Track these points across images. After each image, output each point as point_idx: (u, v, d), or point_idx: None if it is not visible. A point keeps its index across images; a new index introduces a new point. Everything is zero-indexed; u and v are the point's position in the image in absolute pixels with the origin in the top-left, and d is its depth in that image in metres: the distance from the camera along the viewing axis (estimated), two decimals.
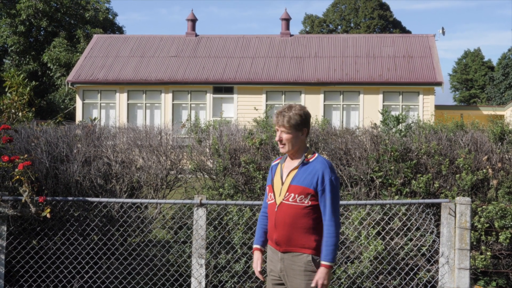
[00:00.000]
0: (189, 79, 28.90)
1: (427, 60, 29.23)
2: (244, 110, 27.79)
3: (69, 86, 29.92)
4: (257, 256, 5.60)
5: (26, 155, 8.22)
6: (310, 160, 5.36)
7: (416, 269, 8.51)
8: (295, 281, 5.33)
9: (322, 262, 5.23)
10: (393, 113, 11.32)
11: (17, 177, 7.98)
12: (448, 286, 7.78)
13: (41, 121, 11.93)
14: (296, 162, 5.39)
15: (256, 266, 5.56)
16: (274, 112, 5.50)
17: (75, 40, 43.19)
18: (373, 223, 8.55)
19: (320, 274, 5.22)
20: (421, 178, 8.88)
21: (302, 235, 5.28)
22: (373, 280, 8.56)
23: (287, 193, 5.31)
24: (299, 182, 5.28)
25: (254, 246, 5.66)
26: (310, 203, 5.27)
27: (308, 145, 5.74)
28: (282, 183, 5.37)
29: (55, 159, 9.09)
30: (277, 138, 5.40)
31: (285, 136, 5.35)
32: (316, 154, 5.42)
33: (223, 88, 29.04)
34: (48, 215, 8.09)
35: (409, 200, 8.31)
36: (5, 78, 12.22)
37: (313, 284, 5.23)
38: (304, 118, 5.38)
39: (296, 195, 5.27)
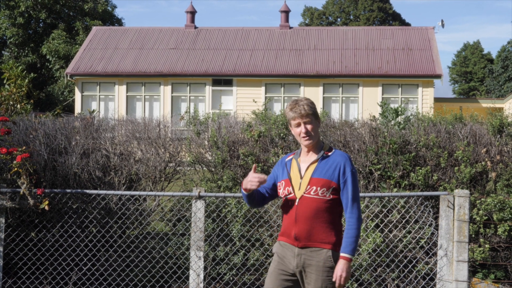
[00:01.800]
0: (188, 72, 28.87)
1: (427, 52, 29.20)
2: (243, 103, 27.76)
3: (68, 78, 29.87)
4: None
5: (24, 147, 8.22)
6: (329, 154, 5.27)
7: (414, 261, 8.52)
8: (312, 277, 5.19)
9: (342, 254, 5.11)
10: (392, 105, 11.31)
11: (15, 169, 7.98)
12: (446, 278, 7.79)
13: (39, 113, 11.91)
14: (315, 156, 5.27)
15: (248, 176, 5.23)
16: (288, 107, 5.29)
17: (74, 32, 43.10)
18: (372, 215, 8.55)
19: (340, 266, 5.09)
20: (420, 170, 8.88)
21: (323, 229, 5.17)
22: (371, 273, 8.57)
23: (308, 186, 5.18)
24: (321, 175, 5.18)
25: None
26: (331, 196, 5.18)
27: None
28: (301, 177, 5.23)
29: (53, 151, 9.08)
30: (303, 130, 5.20)
31: (310, 126, 5.21)
32: (333, 148, 5.34)
33: (222, 80, 29.01)
34: (46, 207, 8.09)
35: (407, 193, 8.31)
36: (3, 70, 12.18)
37: (334, 278, 5.09)
38: (315, 106, 5.31)
39: (318, 188, 5.16)
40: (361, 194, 8.19)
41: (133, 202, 8.95)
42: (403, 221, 8.52)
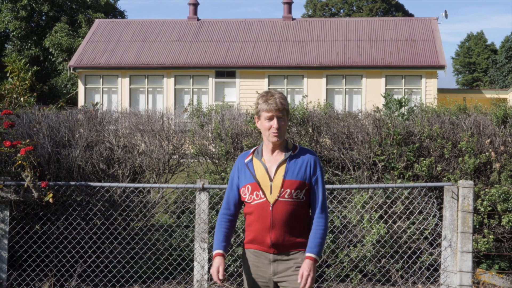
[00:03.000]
0: (191, 64, 28.84)
1: (430, 43, 29.13)
2: (246, 94, 27.71)
3: (71, 71, 29.86)
4: (219, 262, 4.94)
5: (28, 140, 8.23)
6: (296, 152, 4.96)
7: (418, 252, 8.52)
8: (292, 279, 4.90)
9: (309, 254, 4.82)
10: (395, 96, 11.27)
11: (19, 162, 7.99)
12: (450, 269, 7.79)
13: (43, 106, 11.92)
14: (282, 155, 4.93)
15: (218, 273, 4.89)
16: (261, 97, 4.93)
17: (77, 25, 43.05)
18: (376, 206, 8.55)
19: (307, 265, 4.79)
20: (424, 161, 8.87)
21: (298, 233, 4.91)
22: (375, 264, 8.58)
23: (282, 189, 4.84)
24: (294, 176, 4.87)
25: (216, 251, 5.00)
26: (304, 198, 4.90)
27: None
28: (271, 179, 4.88)
29: (57, 144, 9.09)
30: (275, 126, 4.85)
31: (282, 123, 4.88)
32: (298, 145, 5.03)
33: (225, 72, 28.98)
34: (50, 200, 8.11)
35: (411, 184, 8.31)
36: (6, 63, 12.20)
37: (299, 279, 4.76)
38: None
39: (293, 191, 4.85)
40: (365, 185, 8.20)
41: (137, 194, 8.96)
42: (407, 212, 8.52)
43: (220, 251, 5.00)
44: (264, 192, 4.89)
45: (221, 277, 4.90)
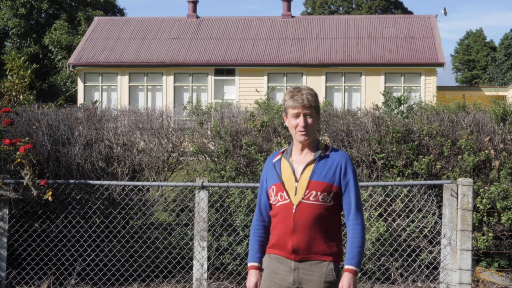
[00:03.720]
0: (191, 61, 28.81)
1: (429, 41, 29.11)
2: (246, 92, 27.69)
3: (71, 68, 29.85)
4: (255, 276, 4.71)
5: (27, 138, 8.22)
6: (327, 153, 4.62)
7: (418, 250, 8.52)
8: None
9: (348, 267, 4.49)
10: (395, 94, 11.27)
11: (19, 160, 7.98)
12: (450, 267, 7.79)
13: (42, 104, 11.92)
14: (311, 155, 4.61)
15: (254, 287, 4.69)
16: (288, 93, 4.63)
17: (76, 22, 43.01)
18: (375, 204, 8.55)
19: (347, 279, 4.48)
20: (423, 159, 8.87)
21: (324, 239, 4.53)
22: (375, 262, 8.58)
23: (307, 191, 4.53)
24: (321, 178, 4.54)
25: (250, 264, 4.75)
26: (332, 202, 4.55)
27: None
28: (297, 180, 4.57)
29: (56, 142, 9.09)
30: (301, 124, 4.54)
31: (310, 120, 4.56)
32: (330, 146, 4.70)
33: (225, 70, 28.96)
34: (50, 198, 8.11)
35: (411, 182, 8.31)
36: (6, 60, 12.18)
37: None
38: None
39: (319, 193, 4.52)
40: (364, 183, 8.19)
41: (136, 192, 8.96)
42: (407, 210, 8.52)
43: (255, 264, 4.75)
44: (289, 193, 4.58)
45: None
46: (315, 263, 4.54)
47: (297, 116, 4.57)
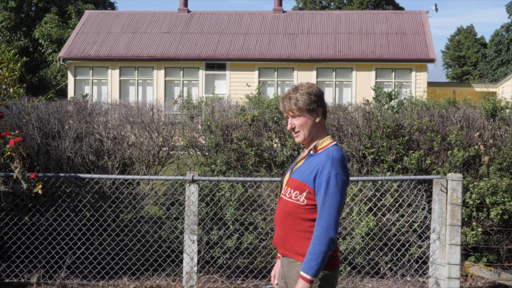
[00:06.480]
0: (182, 56, 28.77)
1: (420, 36, 29.17)
2: (237, 87, 27.71)
3: (61, 62, 29.75)
4: (277, 265, 4.91)
5: (17, 131, 8.19)
6: (320, 151, 4.51)
7: (407, 245, 8.55)
8: None
9: (300, 272, 4.34)
10: (385, 89, 11.29)
11: (8, 153, 7.95)
12: (439, 262, 7.83)
13: (32, 97, 11.88)
14: (306, 152, 4.61)
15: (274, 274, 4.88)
16: (280, 98, 4.60)
17: (67, 16, 42.88)
18: (365, 199, 8.57)
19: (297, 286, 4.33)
20: (413, 154, 8.89)
21: (296, 238, 4.47)
22: (364, 256, 8.60)
23: (286, 187, 4.56)
24: (297, 176, 4.50)
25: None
26: (305, 201, 4.43)
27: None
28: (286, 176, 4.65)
29: (46, 135, 9.07)
30: (288, 127, 4.56)
31: (297, 122, 4.51)
32: (331, 144, 4.54)
33: (216, 64, 28.94)
34: (39, 191, 8.07)
35: (401, 177, 8.33)
36: None
37: None
38: (314, 96, 4.49)
39: (292, 190, 4.49)
40: (354, 178, 8.20)
41: (126, 186, 8.95)
42: (396, 205, 8.55)
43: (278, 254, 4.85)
44: (282, 187, 4.65)
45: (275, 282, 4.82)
46: (291, 261, 4.52)
47: (287, 118, 4.62)
